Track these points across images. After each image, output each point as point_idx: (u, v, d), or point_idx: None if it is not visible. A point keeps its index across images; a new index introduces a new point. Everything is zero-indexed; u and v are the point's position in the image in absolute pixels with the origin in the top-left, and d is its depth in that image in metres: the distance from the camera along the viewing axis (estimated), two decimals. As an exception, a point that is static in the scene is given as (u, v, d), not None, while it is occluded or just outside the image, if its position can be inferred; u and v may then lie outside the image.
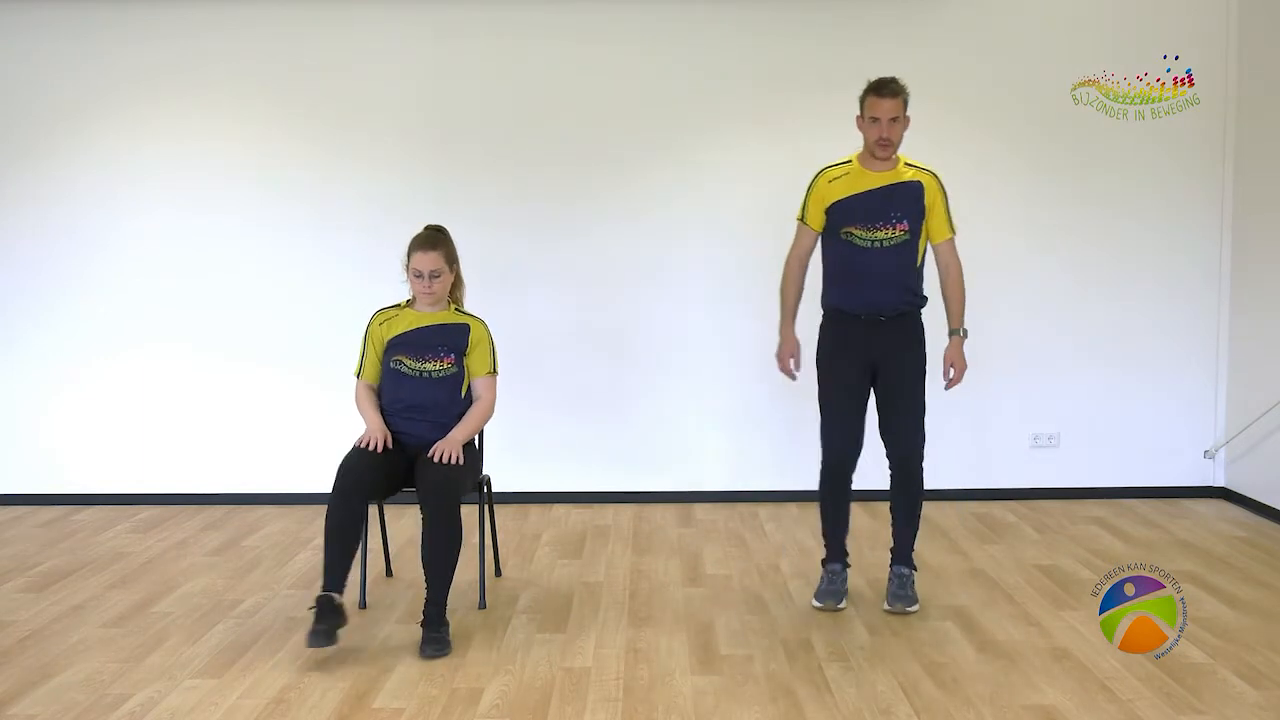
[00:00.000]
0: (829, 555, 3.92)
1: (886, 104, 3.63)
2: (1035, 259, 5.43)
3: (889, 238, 3.69)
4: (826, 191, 3.74)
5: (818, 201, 3.76)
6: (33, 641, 3.62)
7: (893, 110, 3.64)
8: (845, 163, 3.78)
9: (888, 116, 3.63)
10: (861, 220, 3.69)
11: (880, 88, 3.66)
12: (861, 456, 3.90)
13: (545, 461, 5.51)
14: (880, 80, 3.67)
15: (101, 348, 5.50)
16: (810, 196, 3.79)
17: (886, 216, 3.69)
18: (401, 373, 3.77)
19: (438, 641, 3.46)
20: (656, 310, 5.47)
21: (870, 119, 3.67)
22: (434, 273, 3.75)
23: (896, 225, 3.69)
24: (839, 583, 3.87)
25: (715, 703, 3.09)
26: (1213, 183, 5.39)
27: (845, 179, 3.74)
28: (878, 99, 3.65)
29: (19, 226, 5.47)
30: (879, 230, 3.69)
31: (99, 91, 5.41)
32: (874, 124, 3.66)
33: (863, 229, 3.69)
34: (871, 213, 3.69)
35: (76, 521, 5.20)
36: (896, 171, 3.72)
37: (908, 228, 3.70)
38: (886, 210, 3.69)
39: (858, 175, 3.73)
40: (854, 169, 3.75)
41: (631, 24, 5.37)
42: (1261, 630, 3.60)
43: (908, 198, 3.70)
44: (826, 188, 3.75)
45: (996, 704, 3.06)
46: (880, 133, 3.65)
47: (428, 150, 5.42)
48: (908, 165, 3.75)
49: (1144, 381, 5.46)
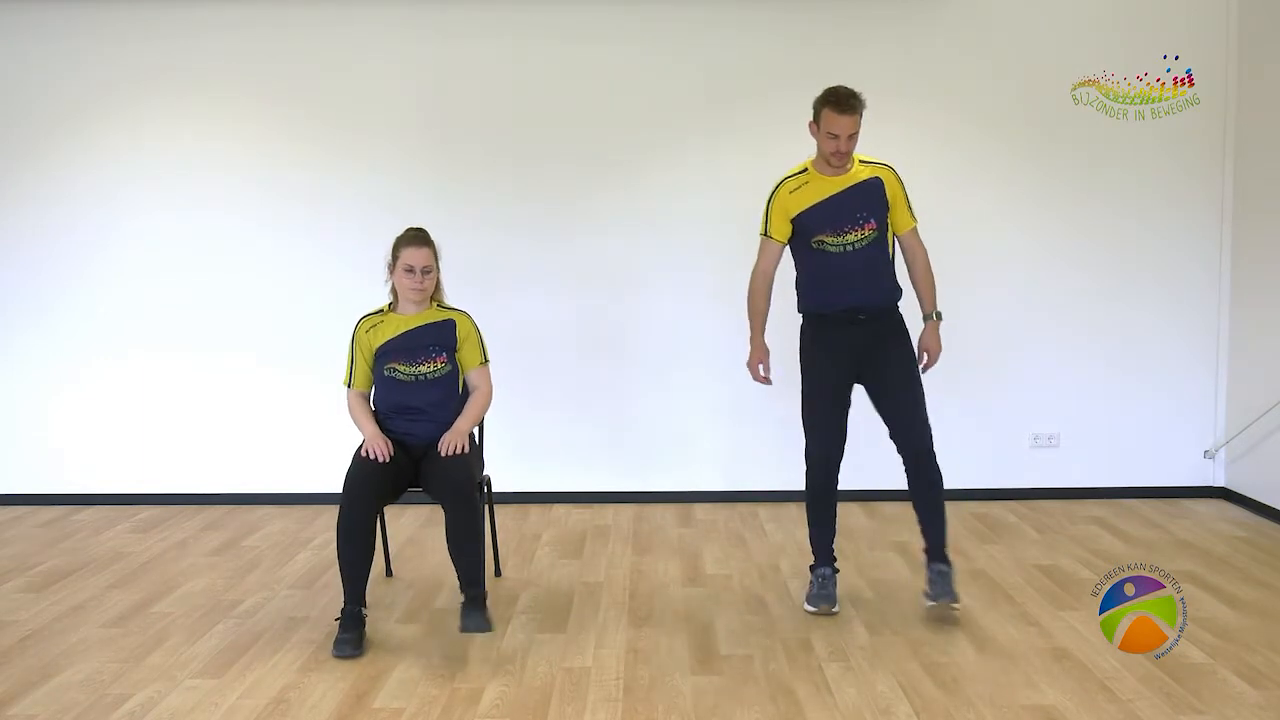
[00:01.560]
0: (818, 560, 3.89)
1: (845, 121, 3.58)
2: (1035, 259, 5.43)
3: (859, 239, 3.68)
4: (789, 202, 3.73)
5: (781, 213, 3.74)
6: (33, 641, 3.62)
7: (850, 127, 3.59)
8: (801, 171, 3.75)
9: (846, 133, 3.60)
10: (830, 226, 3.68)
11: (839, 103, 3.57)
12: (859, 456, 3.90)
13: (545, 461, 5.52)
14: (838, 95, 3.58)
15: (102, 348, 5.50)
16: (773, 209, 3.76)
17: (853, 219, 3.68)
18: (398, 379, 3.78)
19: (479, 617, 3.65)
20: (656, 310, 5.47)
21: (828, 134, 3.61)
22: (426, 268, 3.75)
23: (864, 225, 3.68)
24: (830, 586, 3.84)
25: (715, 703, 3.09)
26: (1213, 182, 5.39)
27: (805, 188, 3.71)
28: (836, 115, 3.57)
29: (19, 226, 5.48)
30: (849, 234, 3.68)
31: (99, 91, 5.41)
32: (831, 139, 3.61)
33: (833, 235, 3.69)
34: (838, 218, 3.68)
35: (76, 521, 5.20)
36: (853, 173, 3.71)
37: (875, 225, 3.69)
38: (852, 213, 3.67)
39: (817, 182, 3.71)
40: (812, 176, 3.72)
41: (631, 24, 5.37)
42: (1261, 630, 3.60)
43: (870, 196, 3.69)
44: (788, 198, 3.73)
45: (996, 704, 3.06)
46: (839, 147, 3.61)
47: (428, 150, 5.42)
48: (863, 163, 3.73)
49: (1144, 381, 5.47)
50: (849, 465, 4.03)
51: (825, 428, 3.79)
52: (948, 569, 3.77)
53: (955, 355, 3.90)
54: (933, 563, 3.80)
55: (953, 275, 4.01)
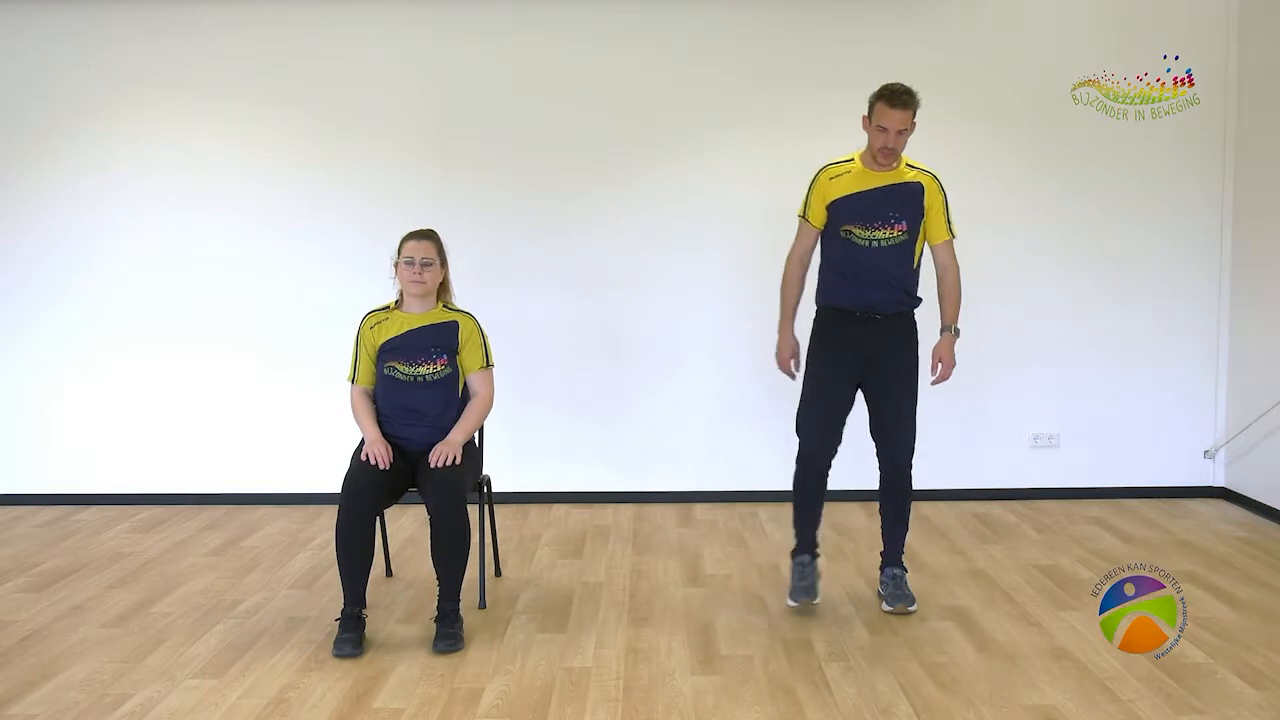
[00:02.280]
0: (799, 546, 3.87)
1: (896, 115, 3.60)
2: (1035, 259, 5.43)
3: (887, 238, 3.69)
4: (829, 188, 3.74)
5: (820, 198, 3.76)
6: (33, 641, 3.62)
7: (901, 122, 3.61)
8: (848, 160, 3.77)
9: (896, 128, 3.61)
10: (860, 219, 3.70)
11: (893, 98, 3.59)
12: (860, 456, 3.90)
13: (545, 461, 5.52)
14: (894, 90, 3.61)
15: (102, 348, 5.50)
16: (812, 193, 3.78)
17: (885, 216, 3.69)
18: (396, 379, 3.77)
19: (451, 637, 3.52)
20: (657, 310, 5.47)
21: (878, 127, 3.63)
22: (425, 260, 3.73)
23: (895, 225, 3.69)
24: (810, 576, 3.83)
25: (715, 703, 3.09)
26: (1213, 183, 5.39)
27: (847, 177, 3.73)
28: (889, 109, 3.59)
29: (19, 226, 5.47)
30: (877, 230, 3.69)
31: (99, 91, 5.41)
32: (881, 133, 3.63)
33: (861, 227, 3.70)
34: (870, 212, 3.69)
35: (76, 521, 5.20)
36: (898, 172, 3.72)
37: (906, 228, 3.70)
38: (885, 210, 3.69)
39: (860, 174, 3.73)
40: (856, 168, 3.74)
41: (631, 24, 5.37)
42: (1261, 630, 3.60)
43: (907, 198, 3.70)
44: (828, 184, 3.75)
45: (996, 704, 3.06)
46: (886, 142, 3.63)
47: (428, 150, 5.42)
48: (909, 166, 3.75)
49: (1144, 381, 5.47)
50: (849, 465, 4.03)
51: (817, 429, 3.79)
52: (902, 573, 3.87)
53: (956, 355, 3.89)
54: (888, 567, 3.88)
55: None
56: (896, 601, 3.80)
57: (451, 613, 3.57)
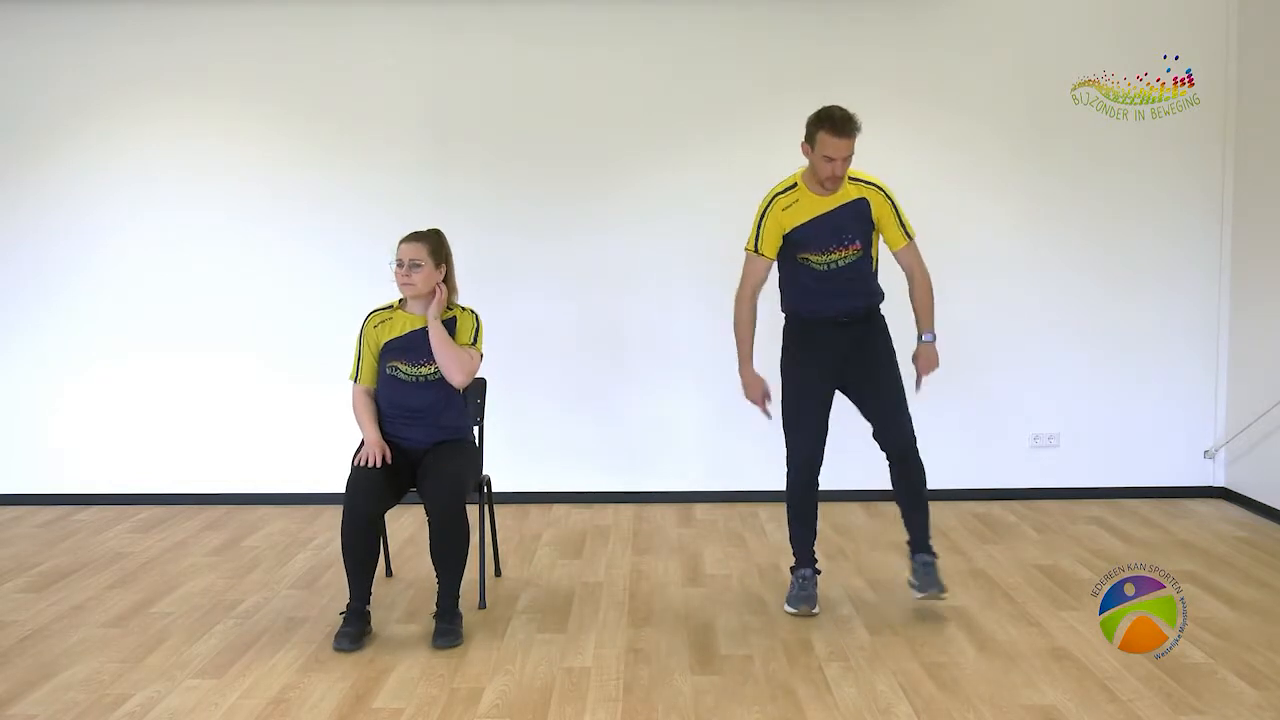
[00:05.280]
0: (799, 561, 3.88)
1: (842, 144, 3.52)
2: (1035, 259, 5.42)
3: (843, 258, 3.68)
4: (783, 219, 3.70)
5: (775, 228, 3.71)
6: (33, 641, 3.62)
7: (847, 150, 3.55)
8: (792, 187, 3.71)
9: (842, 156, 3.55)
10: (816, 245, 3.68)
11: (836, 126, 3.50)
12: (860, 456, 3.89)
13: (545, 461, 5.51)
14: (834, 117, 3.52)
15: (102, 348, 5.50)
16: (766, 225, 3.72)
17: (839, 239, 3.67)
18: (399, 379, 3.76)
19: (450, 633, 3.54)
20: (656, 310, 5.47)
21: (824, 157, 3.55)
22: (414, 262, 3.71)
23: (849, 245, 3.67)
24: (810, 588, 3.82)
25: (715, 703, 3.09)
26: (1213, 182, 5.39)
27: (796, 206, 3.68)
28: (833, 138, 3.50)
29: (19, 226, 5.48)
30: (833, 253, 3.68)
31: (100, 91, 5.41)
32: (828, 162, 3.55)
33: (817, 253, 3.69)
34: (824, 238, 3.66)
35: (76, 521, 5.20)
36: (843, 191, 3.67)
37: (860, 245, 3.69)
38: (839, 233, 3.66)
39: (807, 200, 3.68)
40: (802, 193, 3.69)
41: (631, 26, 5.37)
42: (1261, 630, 3.60)
43: (856, 218, 3.67)
44: (782, 215, 3.70)
45: (996, 704, 3.06)
46: (835, 171, 3.57)
47: (428, 150, 5.42)
48: (851, 181, 3.68)
49: (1144, 381, 5.46)
50: (849, 465, 4.04)
51: (808, 430, 3.78)
52: (932, 559, 3.79)
53: (955, 355, 3.90)
54: (917, 554, 3.83)
55: (952, 275, 4.02)
56: (929, 588, 3.73)
57: (451, 610, 3.59)
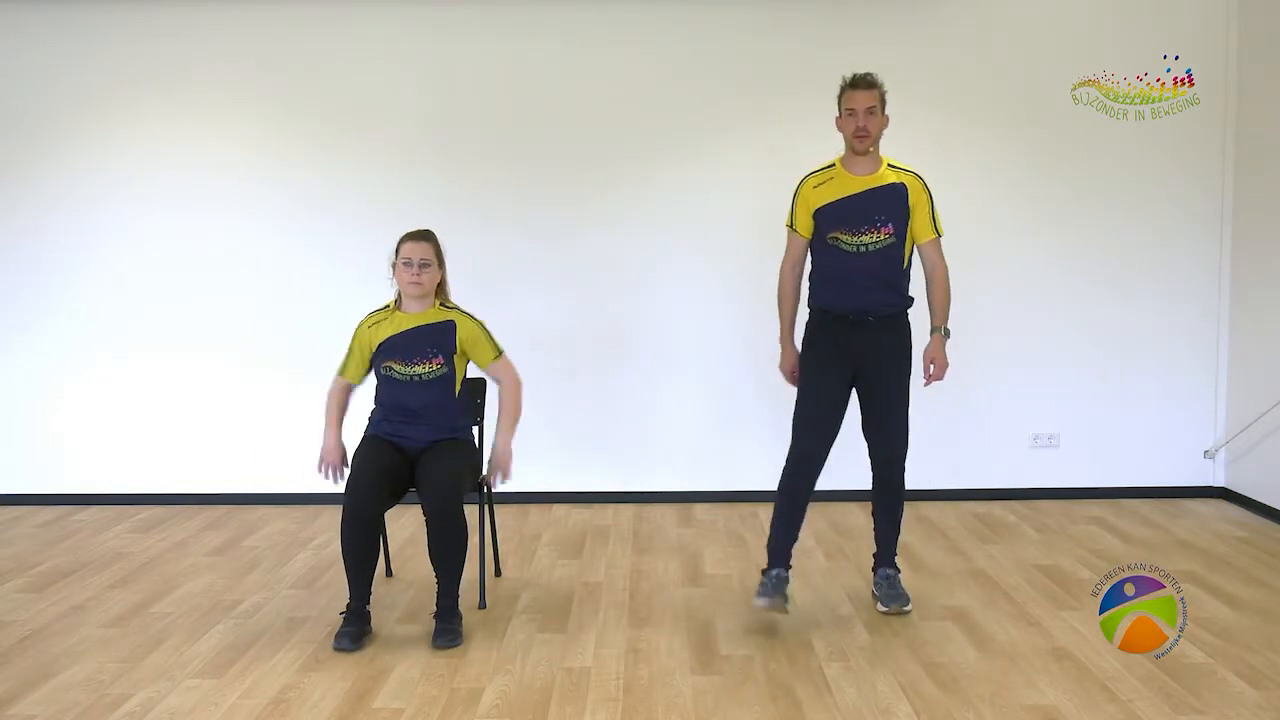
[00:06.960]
0: (772, 562, 3.75)
1: (860, 95, 3.64)
2: (1035, 259, 5.43)
3: (874, 241, 3.68)
4: (812, 197, 3.74)
5: (805, 206, 3.76)
6: (33, 641, 3.62)
7: (867, 100, 3.64)
8: (828, 167, 3.77)
9: (863, 107, 3.63)
10: (846, 225, 3.69)
11: (855, 81, 3.66)
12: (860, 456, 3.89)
13: (545, 461, 5.50)
14: (855, 75, 3.69)
15: (102, 348, 5.50)
16: (797, 203, 3.79)
17: (871, 220, 3.68)
18: (393, 379, 3.77)
19: (450, 633, 3.55)
20: (656, 310, 5.47)
21: (846, 111, 3.67)
22: (424, 261, 3.73)
23: (881, 229, 3.68)
24: (783, 586, 3.73)
25: (715, 703, 3.09)
26: (1212, 182, 5.39)
27: (829, 184, 3.73)
28: (852, 91, 3.65)
29: (19, 226, 5.47)
30: (864, 234, 3.68)
31: (99, 91, 5.41)
32: (850, 116, 3.66)
33: (848, 233, 3.69)
34: (856, 217, 3.68)
35: (76, 521, 5.20)
36: (879, 175, 3.71)
37: (892, 230, 3.69)
38: (870, 214, 3.68)
39: (841, 179, 3.72)
40: (837, 173, 3.74)
41: (630, 26, 5.37)
42: (1261, 630, 3.60)
43: (891, 200, 3.69)
44: (811, 193, 3.75)
45: (996, 704, 3.06)
46: (857, 123, 3.64)
47: (428, 150, 5.42)
48: (890, 167, 3.74)
49: (1144, 381, 5.47)
50: (849, 465, 4.03)
51: (813, 428, 3.78)
52: (895, 573, 3.86)
53: (955, 355, 3.89)
54: (881, 568, 3.88)
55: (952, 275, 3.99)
56: (891, 602, 3.79)
57: (450, 609, 3.60)
